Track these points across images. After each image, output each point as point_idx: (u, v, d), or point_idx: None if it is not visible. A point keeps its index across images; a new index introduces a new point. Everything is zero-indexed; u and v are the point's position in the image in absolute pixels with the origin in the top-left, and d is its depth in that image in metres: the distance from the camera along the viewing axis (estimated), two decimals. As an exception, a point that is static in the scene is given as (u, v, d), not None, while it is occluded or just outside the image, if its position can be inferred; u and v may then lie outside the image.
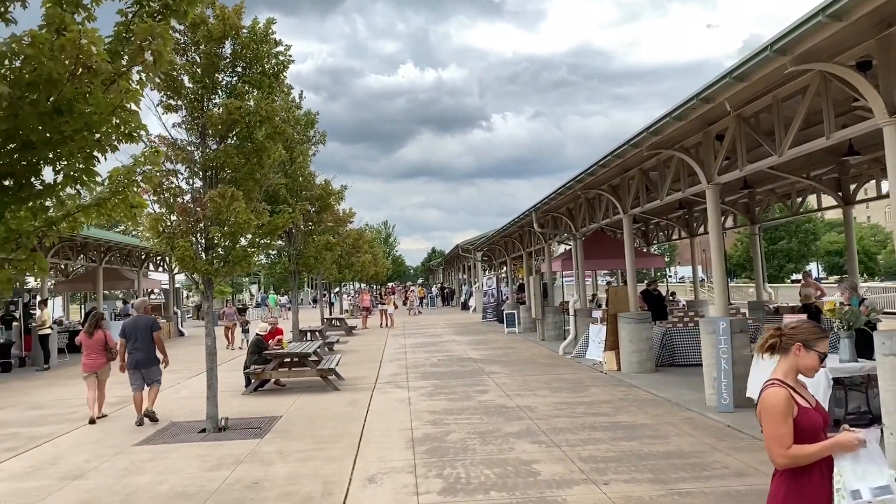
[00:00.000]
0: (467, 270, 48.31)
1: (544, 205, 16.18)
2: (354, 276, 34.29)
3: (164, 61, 4.03)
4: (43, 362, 18.29)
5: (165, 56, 4.00)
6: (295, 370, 12.86)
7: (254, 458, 7.73)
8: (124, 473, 7.33)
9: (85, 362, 10.37)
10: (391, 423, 9.39)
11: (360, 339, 24.01)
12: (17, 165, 3.90)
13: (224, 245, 9.65)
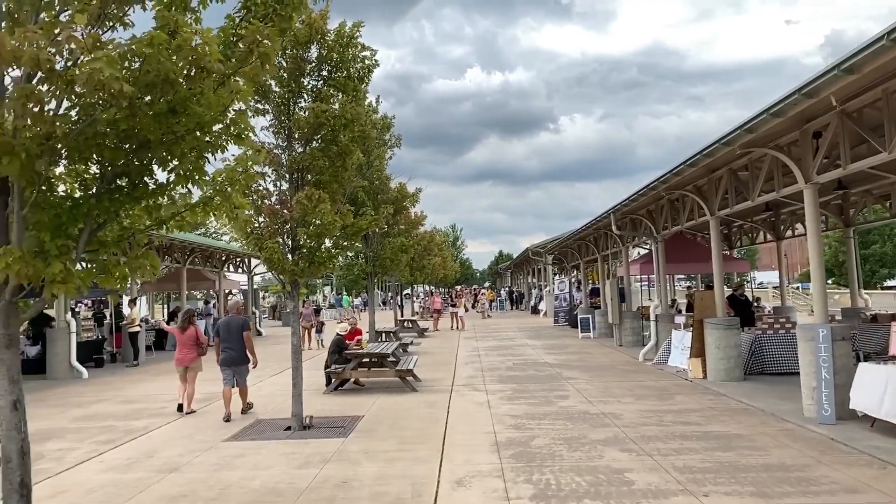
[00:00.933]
0: (537, 274, 47.86)
1: (624, 206, 15.79)
2: (425, 279, 34.43)
3: (271, 64, 4.07)
4: (132, 358, 19.08)
5: (273, 59, 4.04)
6: (374, 370, 12.96)
7: (341, 458, 7.79)
8: (216, 468, 7.50)
9: (177, 357, 11.01)
10: (473, 426, 9.31)
11: (432, 341, 24.06)
12: (132, 165, 4.01)
13: (309, 246, 9.82)
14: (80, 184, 4.14)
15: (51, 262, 3.69)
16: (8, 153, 3.44)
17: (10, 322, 3.86)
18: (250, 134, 4.13)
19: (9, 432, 3.81)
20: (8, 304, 3.84)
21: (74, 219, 3.94)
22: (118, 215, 4.08)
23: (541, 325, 31.42)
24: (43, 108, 3.33)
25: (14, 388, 3.86)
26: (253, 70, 4.04)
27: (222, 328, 10.63)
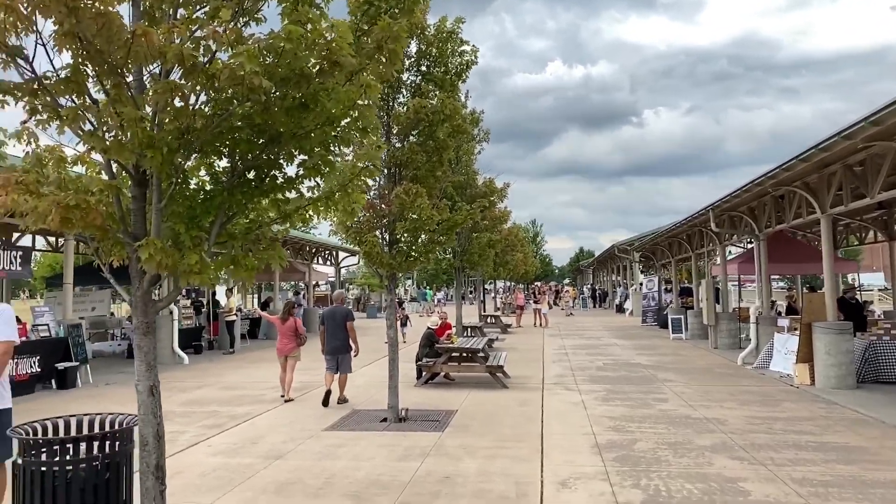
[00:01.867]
0: (621, 271, 46.81)
1: (724, 203, 15.15)
2: (508, 275, 34.23)
3: (398, 59, 4.05)
4: (229, 346, 19.85)
5: (401, 55, 4.02)
6: (464, 365, 12.96)
7: (440, 452, 7.79)
8: (320, 457, 7.64)
9: (278, 346, 11.53)
10: (570, 426, 9.13)
11: (516, 338, 23.89)
12: (262, 159, 4.08)
13: (406, 240, 9.88)
14: (210, 177, 4.25)
15: (186, 253, 3.80)
16: (151, 147, 3.55)
17: (148, 310, 4.00)
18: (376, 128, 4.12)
19: (146, 416, 3.96)
20: (145, 293, 3.98)
21: (207, 211, 4.05)
22: (247, 208, 4.17)
23: (627, 324, 30.69)
24: (187, 102, 3.42)
25: (151, 374, 4.00)
26: (381, 66, 4.04)
27: (327, 318, 11.08)
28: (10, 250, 12.93)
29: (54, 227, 3.68)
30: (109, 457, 4.14)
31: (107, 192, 3.76)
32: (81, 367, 13.62)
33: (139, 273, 3.99)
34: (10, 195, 3.52)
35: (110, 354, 19.25)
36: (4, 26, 3.37)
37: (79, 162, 4.40)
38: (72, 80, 3.49)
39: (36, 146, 4.24)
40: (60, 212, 3.53)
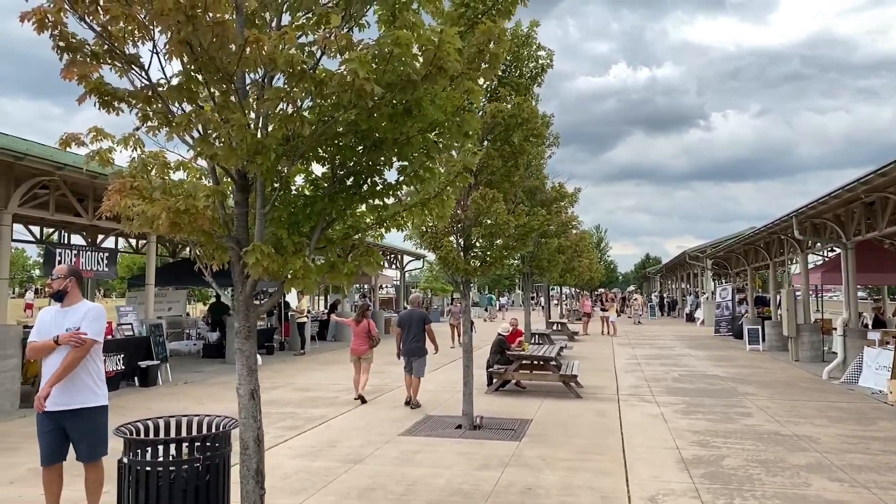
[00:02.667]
0: (692, 279, 45.54)
1: (810, 209, 14.49)
2: (574, 282, 33.72)
3: (499, 63, 3.98)
4: (300, 347, 20.19)
5: (501, 59, 3.94)
6: (536, 373, 12.77)
7: (519, 462, 7.66)
8: (399, 463, 7.62)
9: (352, 347, 11.72)
10: (652, 439, 8.85)
11: (584, 346, 23.48)
12: (362, 165, 4.07)
13: (482, 246, 9.80)
14: (310, 183, 4.27)
15: (289, 259, 3.81)
16: (258, 152, 3.57)
17: (250, 314, 4.03)
18: (477, 132, 4.05)
19: (246, 420, 3.99)
20: (248, 298, 4.02)
21: (308, 217, 4.06)
22: (346, 214, 4.16)
23: (699, 334, 29.77)
24: (297, 108, 3.42)
25: (252, 378, 4.04)
26: (482, 71, 3.97)
27: (404, 320, 11.28)
28: (97, 252, 13.47)
29: (162, 231, 3.75)
30: (210, 459, 4.19)
31: (213, 197, 3.81)
32: (162, 366, 14.06)
33: (241, 277, 4.03)
34: (123, 199, 3.59)
35: (186, 353, 19.83)
36: (122, 35, 3.44)
37: (181, 168, 4.49)
38: (184, 87, 3.54)
39: (141, 152, 4.34)
40: (170, 216, 3.59)
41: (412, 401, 11.03)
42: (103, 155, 4.24)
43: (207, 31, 3.22)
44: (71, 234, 20.03)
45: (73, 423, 5.09)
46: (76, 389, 5.12)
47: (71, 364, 5.06)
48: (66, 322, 5.21)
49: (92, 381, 5.23)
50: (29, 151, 10.37)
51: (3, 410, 10.50)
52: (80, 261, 12.77)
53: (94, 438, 5.13)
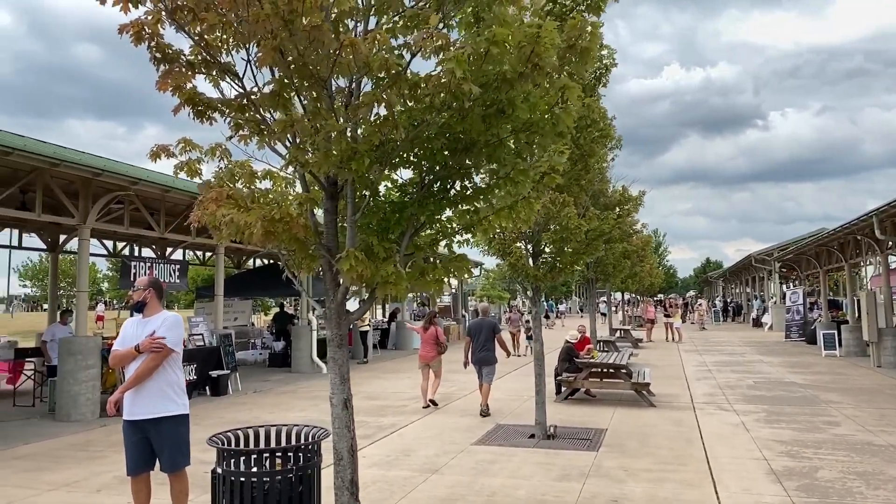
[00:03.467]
0: (754, 283, 44.09)
1: (893, 207, 13.78)
2: (636, 287, 33.03)
3: (591, 58, 3.84)
4: (363, 355, 20.30)
5: (594, 53, 3.80)
6: (606, 381, 12.48)
7: (599, 473, 7.43)
8: (475, 473, 7.49)
9: (420, 354, 11.86)
10: (736, 449, 8.49)
11: (650, 353, 22.91)
12: (452, 169, 3.98)
13: (551, 251, 9.62)
14: (397, 188, 4.20)
15: (381, 265, 3.74)
16: (353, 158, 3.52)
17: (342, 322, 3.98)
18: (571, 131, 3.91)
19: (340, 430, 3.94)
20: (340, 306, 3.97)
21: (398, 222, 3.99)
22: (435, 219, 4.08)
23: (768, 339, 28.73)
24: (392, 112, 3.35)
25: (345, 387, 3.98)
26: (574, 67, 3.84)
27: (474, 329, 11.29)
28: (169, 264, 13.81)
29: (255, 239, 3.73)
30: (303, 469, 4.15)
31: (305, 205, 3.77)
32: (231, 375, 14.29)
33: (332, 285, 3.98)
34: (219, 209, 3.58)
35: (252, 363, 20.18)
36: (217, 44, 3.44)
37: (267, 177, 4.49)
38: (277, 94, 3.52)
39: (227, 162, 4.35)
40: (265, 225, 3.56)
41: (483, 406, 11.00)
42: (192, 165, 4.27)
43: (304, 36, 3.19)
44: (141, 248, 20.69)
45: (156, 433, 5.14)
46: (157, 398, 5.17)
47: (146, 369, 5.11)
48: (146, 332, 5.29)
49: (172, 390, 5.26)
50: (106, 167, 10.71)
51: (85, 419, 10.82)
52: (154, 273, 13.11)
53: (176, 448, 5.15)
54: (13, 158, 9.42)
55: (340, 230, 4.08)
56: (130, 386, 5.15)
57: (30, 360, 14.13)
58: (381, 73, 3.36)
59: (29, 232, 16.70)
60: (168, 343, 5.16)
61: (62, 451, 8.79)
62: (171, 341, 5.20)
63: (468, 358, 11.35)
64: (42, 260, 46.45)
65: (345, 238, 4.07)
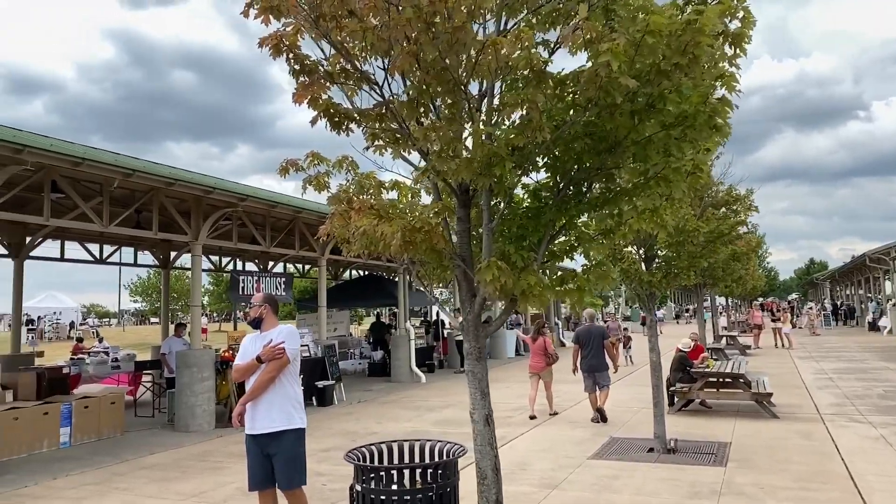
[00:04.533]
0: (870, 284, 41.25)
1: None
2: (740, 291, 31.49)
3: (742, 44, 3.53)
4: (459, 365, 20.20)
5: (747, 37, 3.49)
6: (723, 391, 11.82)
7: (732, 490, 6.96)
8: (598, 489, 7.18)
9: (530, 364, 11.76)
10: (881, 465, 7.79)
11: (761, 360, 21.70)
12: (590, 170, 3.76)
13: (667, 256, 9.19)
14: (530, 193, 4.02)
15: (522, 275, 3.56)
16: (494, 163, 3.36)
17: (479, 335, 3.83)
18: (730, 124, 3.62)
19: (483, 448, 3.78)
20: (476, 317, 3.81)
21: (536, 229, 3.80)
22: (575, 224, 3.87)
23: (890, 344, 26.70)
24: (537, 113, 3.17)
25: (486, 402, 3.83)
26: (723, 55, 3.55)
27: (583, 336, 11.14)
28: (275, 277, 14.17)
29: (391, 250, 3.63)
30: (442, 487, 4.02)
31: (442, 214, 3.64)
32: (336, 385, 14.48)
33: (468, 296, 3.84)
34: (361, 219, 3.50)
35: (352, 373, 20.47)
36: (356, 51, 3.37)
37: (394, 188, 4.41)
38: (416, 101, 3.41)
39: (355, 173, 4.30)
40: (405, 235, 3.45)
41: (599, 413, 10.90)
42: (320, 179, 4.24)
43: (446, 38, 3.06)
44: (245, 262, 21.43)
45: (274, 447, 5.13)
46: (276, 412, 5.15)
47: (265, 379, 5.11)
48: (265, 342, 5.32)
49: (290, 404, 5.23)
50: (217, 185, 11.07)
51: (202, 430, 11.18)
52: (261, 286, 13.47)
53: (292, 465, 5.08)
54: (134, 179, 9.87)
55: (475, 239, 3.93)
56: (251, 397, 5.18)
57: (148, 371, 14.82)
58: (524, 73, 3.19)
59: (143, 250, 17.60)
60: (287, 350, 5.17)
61: (185, 461, 9.08)
62: (289, 348, 5.21)
63: (577, 365, 11.27)
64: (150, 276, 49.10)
65: (477, 247, 3.93)
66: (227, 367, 11.93)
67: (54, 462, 9.12)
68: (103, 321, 69.89)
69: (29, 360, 14.11)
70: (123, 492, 7.54)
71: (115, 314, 68.86)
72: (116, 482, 7.99)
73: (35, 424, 9.74)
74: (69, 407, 10.28)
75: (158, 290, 48.13)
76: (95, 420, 10.64)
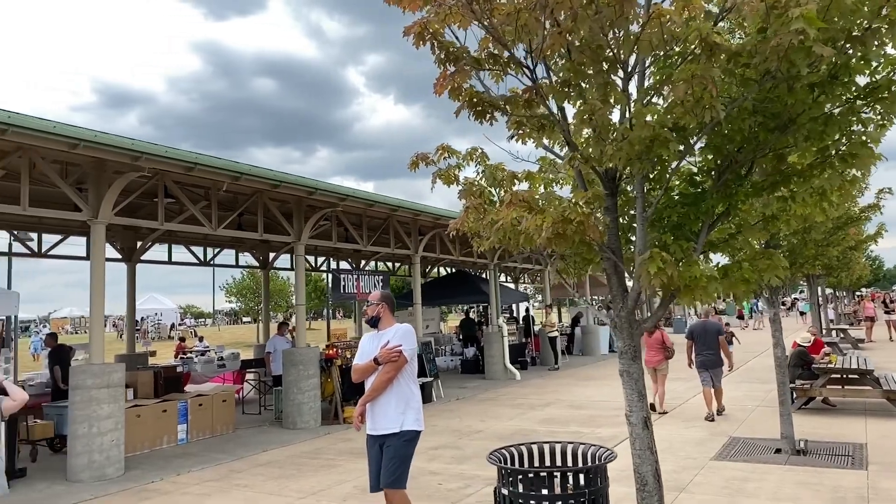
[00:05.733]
0: None
1: None
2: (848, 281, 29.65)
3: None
4: (553, 362, 19.85)
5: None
6: (848, 388, 11.05)
7: (880, 496, 6.42)
8: (729, 493, 6.78)
9: (645, 359, 11.36)
10: None
11: (877, 354, 20.29)
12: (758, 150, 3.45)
13: (791, 244, 8.62)
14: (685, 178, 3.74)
15: (684, 267, 3.29)
16: (655, 147, 3.11)
17: (633, 332, 3.59)
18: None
19: (642, 452, 3.55)
20: (630, 313, 3.58)
21: (696, 216, 3.53)
22: (739, 210, 3.56)
23: None
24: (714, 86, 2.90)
25: (643, 404, 3.59)
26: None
27: (697, 332, 10.85)
28: (372, 276, 14.28)
29: (539, 241, 3.42)
30: (594, 493, 3.80)
31: (594, 203, 3.42)
32: (434, 382, 14.45)
33: (620, 290, 3.60)
34: (510, 212, 3.32)
35: (445, 370, 20.45)
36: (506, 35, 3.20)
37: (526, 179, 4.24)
38: (569, 83, 3.20)
39: (485, 165, 4.15)
40: (557, 227, 3.25)
41: (715, 412, 10.66)
42: (449, 173, 4.11)
43: (609, 12, 2.83)
44: (339, 261, 21.78)
45: (387, 446, 5.04)
46: (392, 412, 5.06)
47: (382, 381, 5.04)
48: (381, 345, 5.25)
49: (407, 405, 5.12)
50: (318, 186, 11.20)
51: (309, 427, 11.35)
52: (361, 284, 13.59)
53: (394, 464, 4.93)
54: (241, 182, 10.09)
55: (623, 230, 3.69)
56: (369, 398, 5.13)
57: (252, 370, 15.24)
58: (693, 46, 2.93)
59: (243, 252, 18.14)
60: (404, 351, 5.09)
61: (298, 458, 9.20)
62: (406, 349, 5.13)
63: (692, 359, 11.03)
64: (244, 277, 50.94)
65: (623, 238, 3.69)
66: (331, 364, 12.09)
67: (174, 458, 9.44)
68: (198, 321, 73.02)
69: (143, 360, 14.77)
70: (244, 489, 7.69)
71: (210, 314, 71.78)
72: (236, 479, 8.17)
73: (156, 421, 10.13)
74: (185, 405, 10.63)
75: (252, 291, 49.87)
76: (209, 417, 10.98)
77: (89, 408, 8.38)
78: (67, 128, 7.73)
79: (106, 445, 8.44)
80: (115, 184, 8.92)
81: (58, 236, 14.13)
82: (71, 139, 7.75)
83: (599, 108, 3.08)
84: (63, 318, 53.79)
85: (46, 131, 7.51)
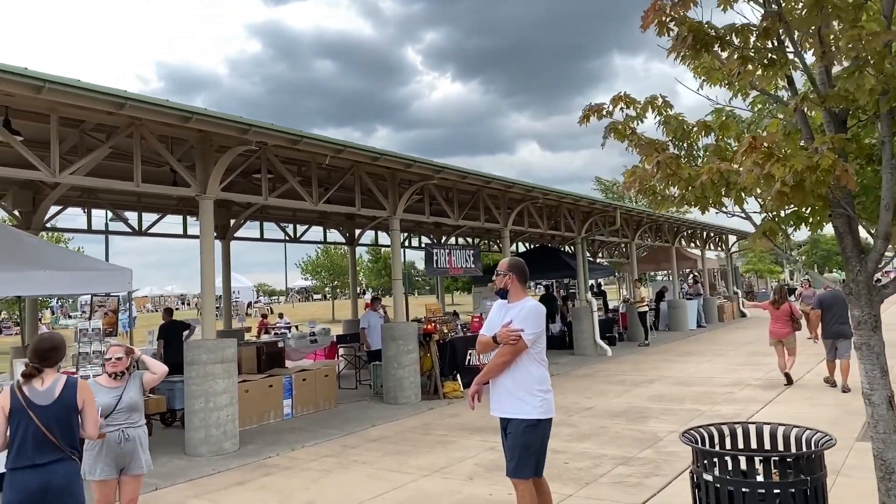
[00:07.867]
0: None
1: None
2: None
3: None
4: (644, 338, 19.23)
5: None
6: None
7: None
8: (895, 478, 6.20)
9: (771, 330, 11.54)
10: None
11: None
12: None
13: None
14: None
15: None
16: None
17: (873, 299, 3.12)
18: None
19: (887, 436, 3.11)
20: (869, 277, 3.11)
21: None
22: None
23: None
24: None
25: (886, 381, 3.13)
26: None
27: (827, 301, 10.62)
28: (464, 250, 13.99)
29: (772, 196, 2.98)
30: (812, 483, 3.37)
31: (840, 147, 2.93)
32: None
33: (856, 252, 3.13)
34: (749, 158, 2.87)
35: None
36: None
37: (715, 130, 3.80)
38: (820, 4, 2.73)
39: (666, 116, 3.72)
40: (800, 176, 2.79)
41: (843, 384, 10.33)
42: (625, 125, 3.71)
43: None
44: (420, 236, 21.61)
45: (509, 432, 4.66)
46: (508, 397, 4.60)
47: (497, 363, 4.61)
48: (506, 318, 4.82)
49: (526, 390, 4.63)
50: (416, 159, 10.91)
51: (411, 402, 11.20)
52: (452, 259, 13.32)
53: (514, 453, 4.53)
54: (343, 156, 9.90)
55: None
56: (483, 379, 4.74)
57: (345, 345, 15.25)
58: None
59: (330, 228, 18.14)
60: (524, 336, 4.59)
61: (408, 433, 9.04)
62: (527, 334, 4.66)
63: (817, 332, 11.07)
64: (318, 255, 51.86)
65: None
66: (429, 339, 11.90)
67: (283, 433, 9.42)
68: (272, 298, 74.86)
69: (240, 336, 14.95)
70: (363, 465, 7.55)
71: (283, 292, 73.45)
72: (352, 455, 8.04)
73: (263, 397, 10.14)
74: (290, 380, 10.62)
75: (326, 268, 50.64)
76: (312, 392, 10.95)
77: (205, 383, 8.39)
78: (178, 103, 7.65)
79: (222, 420, 8.45)
80: (223, 158, 8.85)
81: (155, 215, 14.36)
82: (184, 112, 7.66)
83: (877, 31, 2.60)
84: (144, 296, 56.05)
85: (161, 104, 7.44)
